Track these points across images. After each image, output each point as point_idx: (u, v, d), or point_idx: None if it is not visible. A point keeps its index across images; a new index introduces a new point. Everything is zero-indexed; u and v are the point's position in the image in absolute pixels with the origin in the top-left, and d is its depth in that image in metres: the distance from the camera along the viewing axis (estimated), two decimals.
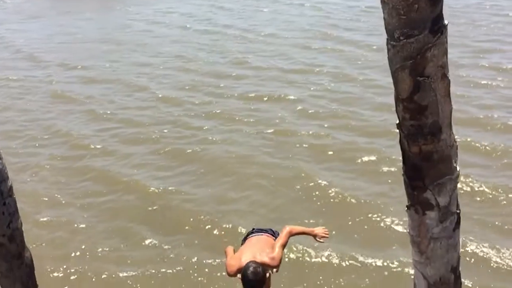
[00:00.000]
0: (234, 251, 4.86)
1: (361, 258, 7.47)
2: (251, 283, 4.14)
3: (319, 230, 4.82)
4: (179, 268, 7.62)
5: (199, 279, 7.42)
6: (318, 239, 4.83)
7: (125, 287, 7.34)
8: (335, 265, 7.40)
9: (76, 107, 14.35)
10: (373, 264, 7.36)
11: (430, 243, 2.31)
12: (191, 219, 8.74)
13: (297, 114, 12.94)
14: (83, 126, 13.12)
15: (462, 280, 2.54)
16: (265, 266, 4.30)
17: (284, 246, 4.58)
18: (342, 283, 7.09)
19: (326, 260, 7.50)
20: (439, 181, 2.21)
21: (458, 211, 2.29)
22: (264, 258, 4.40)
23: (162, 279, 7.42)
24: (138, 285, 7.35)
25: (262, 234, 5.08)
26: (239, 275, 4.32)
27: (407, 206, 2.34)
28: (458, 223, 2.31)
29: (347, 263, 7.42)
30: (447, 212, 2.26)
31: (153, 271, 7.57)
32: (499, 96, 13.01)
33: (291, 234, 4.72)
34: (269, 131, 11.96)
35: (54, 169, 10.95)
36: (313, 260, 7.51)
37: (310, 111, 12.99)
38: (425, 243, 2.32)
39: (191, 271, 7.55)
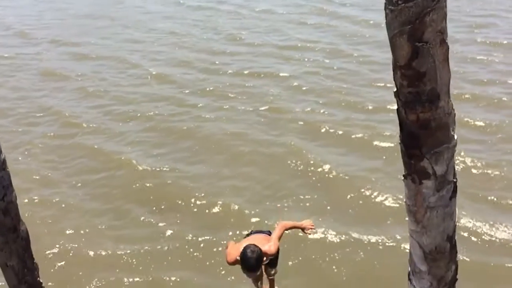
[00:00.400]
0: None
1: (355, 234, 7.53)
2: (250, 260, 4.37)
3: (306, 223, 5.18)
4: (175, 244, 7.65)
5: (195, 254, 7.45)
6: (306, 231, 5.20)
7: (121, 263, 7.37)
8: (330, 240, 7.46)
9: (68, 85, 14.17)
10: (368, 239, 7.43)
11: (426, 212, 2.29)
12: (186, 197, 8.74)
13: (292, 90, 12.86)
14: (75, 103, 12.98)
15: None
16: (262, 254, 4.54)
17: (279, 238, 4.89)
18: (337, 257, 7.16)
19: (322, 236, 7.54)
20: (436, 149, 2.18)
21: (455, 180, 2.27)
22: (262, 247, 4.65)
23: (158, 256, 7.44)
24: (134, 261, 7.39)
25: (260, 234, 5.41)
26: (238, 265, 4.63)
27: (403, 176, 2.31)
28: (454, 192, 2.29)
29: (342, 238, 7.48)
30: (443, 181, 2.24)
31: (149, 248, 7.60)
32: (494, 72, 12.97)
33: (285, 228, 5.05)
34: (263, 108, 11.89)
35: (46, 147, 10.87)
36: (309, 236, 7.50)
37: (304, 88, 12.91)
38: (421, 212, 2.30)
39: (186, 246, 7.59)
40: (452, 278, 2.44)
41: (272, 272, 5.56)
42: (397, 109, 2.24)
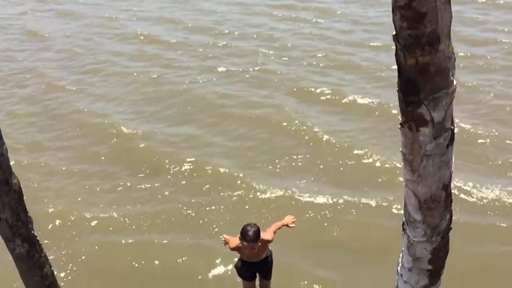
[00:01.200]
0: None
1: (347, 195, 7.48)
2: (249, 230, 4.82)
3: (288, 219, 5.50)
4: (165, 207, 7.57)
5: (186, 216, 7.40)
6: (289, 226, 5.48)
7: (113, 226, 7.30)
8: (322, 202, 7.41)
9: (54, 45, 13.81)
10: (360, 200, 7.38)
11: (422, 160, 2.24)
12: (175, 159, 8.61)
13: (284, 51, 12.64)
14: (60, 65, 12.66)
15: None
16: (260, 230, 4.96)
17: (274, 232, 5.29)
18: (329, 219, 7.12)
19: (314, 197, 7.48)
20: (435, 95, 2.11)
21: (452, 128, 2.21)
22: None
23: (149, 218, 7.35)
24: (126, 224, 7.31)
25: None
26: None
27: (400, 124, 2.25)
28: (452, 139, 2.24)
29: (334, 199, 7.43)
30: (441, 128, 2.18)
31: (139, 210, 7.53)
32: (487, 32, 12.81)
33: (278, 227, 5.39)
34: (254, 69, 11.69)
35: (32, 109, 10.62)
36: (305, 199, 7.48)
37: (296, 49, 12.69)
38: (417, 160, 2.25)
39: (177, 209, 7.50)
40: (446, 227, 2.43)
41: (268, 285, 5.71)
42: (396, 54, 2.15)
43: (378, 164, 8.21)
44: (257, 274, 5.60)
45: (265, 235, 5.08)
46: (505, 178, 7.70)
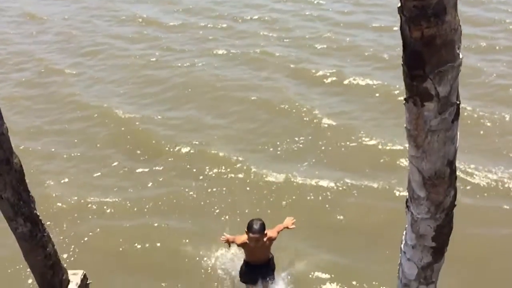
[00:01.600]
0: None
1: (348, 178, 7.42)
2: (256, 223, 5.14)
3: (288, 222, 5.64)
4: (163, 191, 7.51)
5: (189, 194, 7.36)
6: (289, 227, 5.61)
7: (111, 210, 7.26)
8: (324, 185, 7.33)
9: (51, 29, 13.67)
10: (361, 183, 7.32)
11: (427, 136, 2.20)
12: (172, 143, 8.54)
13: (284, 33, 12.51)
14: (58, 48, 12.56)
15: None
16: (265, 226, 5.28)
17: (277, 232, 5.50)
18: (331, 202, 7.07)
19: (316, 181, 7.40)
20: (440, 68, 2.06)
21: (458, 102, 2.17)
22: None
23: (146, 202, 7.32)
24: (124, 208, 7.27)
25: None
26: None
27: (405, 99, 2.20)
28: (457, 114, 2.19)
29: (335, 182, 7.35)
30: (446, 103, 2.13)
31: (137, 194, 7.47)
32: (491, 12, 12.67)
33: (280, 229, 5.56)
34: (254, 52, 11.58)
35: (28, 94, 10.54)
36: (306, 182, 7.42)
37: (297, 31, 12.57)
38: (422, 136, 2.21)
39: (181, 189, 7.46)
40: (451, 204, 2.40)
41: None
42: (401, 27, 2.09)
43: (380, 146, 8.15)
44: (260, 280, 5.63)
45: (270, 232, 5.36)
46: (507, 159, 7.65)
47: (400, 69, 2.22)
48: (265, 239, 5.25)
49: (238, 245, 5.51)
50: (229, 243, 5.58)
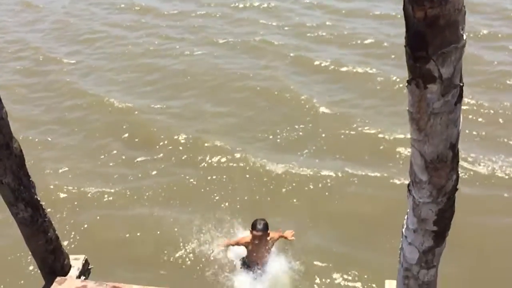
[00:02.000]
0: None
1: (348, 167, 7.39)
2: (259, 222, 5.53)
3: (288, 233, 6.01)
4: (161, 181, 7.49)
5: (189, 183, 7.36)
6: (288, 238, 5.96)
7: (110, 200, 7.25)
8: (325, 174, 7.29)
9: (48, 17, 13.56)
10: (361, 172, 7.28)
11: (430, 119, 2.18)
12: (170, 133, 8.49)
13: (283, 22, 12.42)
14: (55, 37, 12.47)
15: None
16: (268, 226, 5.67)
17: (279, 236, 5.87)
18: (332, 191, 7.04)
19: (317, 171, 7.38)
20: (444, 49, 2.03)
21: (461, 84, 2.14)
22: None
23: (145, 192, 7.29)
24: (124, 197, 7.26)
25: None
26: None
27: (407, 81, 2.17)
28: (460, 97, 2.16)
29: (336, 172, 7.32)
30: (449, 85, 2.10)
31: (136, 184, 7.45)
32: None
33: (280, 235, 5.90)
34: (255, 39, 11.51)
35: (25, 82, 10.47)
36: (306, 171, 7.41)
37: (296, 20, 12.47)
38: (425, 119, 2.19)
39: (181, 178, 7.45)
40: (453, 188, 2.38)
41: None
42: (404, 7, 2.05)
43: (379, 134, 8.10)
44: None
45: (272, 233, 5.71)
46: (508, 148, 7.62)
47: (400, 57, 2.20)
48: (268, 238, 5.61)
49: (241, 244, 5.82)
50: (231, 244, 5.91)
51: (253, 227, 5.55)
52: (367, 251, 5.97)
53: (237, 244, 5.87)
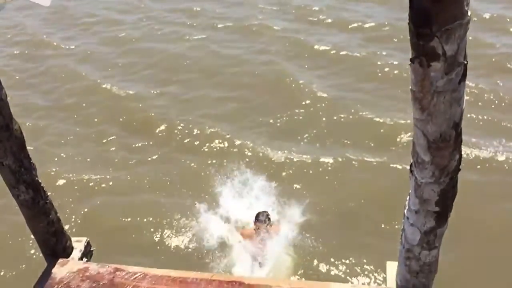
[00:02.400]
0: None
1: (350, 153, 7.34)
2: (262, 213, 5.86)
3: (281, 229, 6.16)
4: (159, 167, 7.47)
5: (189, 170, 7.35)
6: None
7: (109, 187, 7.24)
8: (327, 161, 7.24)
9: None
10: (363, 158, 7.23)
11: (433, 98, 2.14)
12: (172, 120, 8.45)
13: (285, 7, 12.28)
14: (50, 22, 12.33)
15: None
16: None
17: (278, 230, 5.99)
18: (336, 177, 7.00)
19: (320, 157, 7.30)
20: (448, 26, 1.98)
21: (465, 62, 2.10)
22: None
23: (144, 178, 7.28)
24: (123, 184, 7.24)
25: None
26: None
27: (410, 60, 2.13)
28: (464, 75, 2.13)
29: (338, 159, 7.25)
30: (453, 63, 2.06)
31: (135, 171, 7.43)
32: None
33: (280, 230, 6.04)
34: (253, 24, 11.39)
35: (20, 68, 10.38)
36: (305, 157, 7.35)
37: (295, 4, 12.34)
38: (428, 98, 2.15)
39: (180, 165, 7.42)
40: (456, 167, 2.36)
41: None
42: None
43: (380, 119, 8.02)
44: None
45: (274, 226, 5.96)
46: (509, 132, 7.58)
47: (401, 42, 2.15)
48: (270, 229, 5.80)
49: (244, 237, 5.96)
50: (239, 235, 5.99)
51: (256, 217, 5.87)
52: (367, 234, 5.97)
53: (242, 234, 6.00)
